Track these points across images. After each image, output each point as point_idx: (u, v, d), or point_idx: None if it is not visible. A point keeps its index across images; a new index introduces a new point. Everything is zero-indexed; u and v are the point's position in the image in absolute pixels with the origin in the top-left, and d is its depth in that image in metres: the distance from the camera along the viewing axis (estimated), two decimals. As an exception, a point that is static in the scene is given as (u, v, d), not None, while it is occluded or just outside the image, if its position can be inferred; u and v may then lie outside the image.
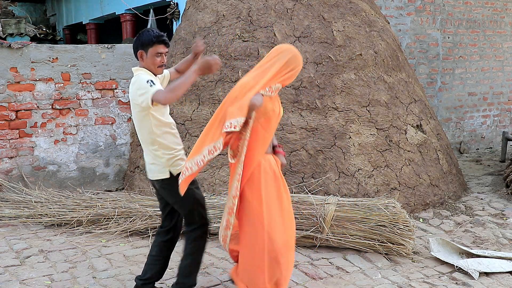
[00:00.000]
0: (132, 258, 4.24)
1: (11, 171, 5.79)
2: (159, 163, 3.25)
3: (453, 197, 5.85)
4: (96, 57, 6.11)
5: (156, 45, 3.21)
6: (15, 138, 5.80)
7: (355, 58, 5.55)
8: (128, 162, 6.40)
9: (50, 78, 5.89)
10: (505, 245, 4.66)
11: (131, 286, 3.73)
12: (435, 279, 3.94)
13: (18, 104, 5.76)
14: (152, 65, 3.24)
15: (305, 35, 5.53)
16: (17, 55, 5.71)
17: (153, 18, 8.28)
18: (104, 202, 5.01)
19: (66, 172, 6.09)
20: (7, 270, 3.98)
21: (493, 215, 5.46)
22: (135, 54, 3.27)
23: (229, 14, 5.74)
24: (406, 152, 5.51)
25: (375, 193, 5.13)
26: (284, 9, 5.64)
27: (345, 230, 4.31)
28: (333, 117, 5.29)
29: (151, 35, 3.20)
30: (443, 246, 4.40)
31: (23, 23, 10.41)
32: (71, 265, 4.07)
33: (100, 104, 6.21)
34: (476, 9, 8.80)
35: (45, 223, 4.97)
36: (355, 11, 5.80)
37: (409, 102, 5.85)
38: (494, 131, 9.37)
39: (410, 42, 8.12)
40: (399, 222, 4.26)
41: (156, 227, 4.63)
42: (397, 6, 7.91)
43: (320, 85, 5.36)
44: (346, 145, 5.22)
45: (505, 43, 9.23)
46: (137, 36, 3.28)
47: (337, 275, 3.98)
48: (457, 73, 8.76)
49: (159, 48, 3.22)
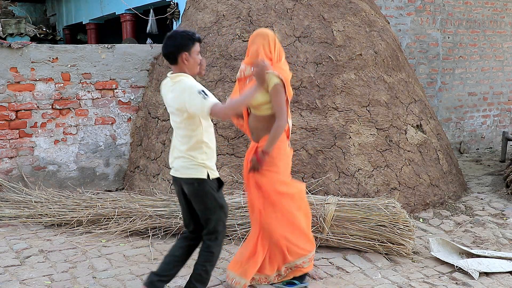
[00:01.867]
0: (132, 258, 4.24)
1: (11, 171, 5.79)
2: (198, 163, 3.15)
3: (453, 197, 5.85)
4: (96, 57, 6.11)
5: (196, 43, 3.16)
6: (15, 138, 5.80)
7: (355, 58, 5.55)
8: (128, 162, 6.40)
9: (50, 78, 5.89)
10: (505, 245, 4.66)
11: (131, 286, 3.73)
12: (435, 279, 3.94)
13: (18, 104, 5.76)
14: (195, 66, 3.17)
15: (305, 35, 5.53)
16: (17, 55, 5.71)
17: (153, 18, 8.29)
18: (104, 202, 5.01)
19: (66, 172, 6.09)
20: (7, 270, 3.98)
21: (493, 215, 5.46)
22: (173, 59, 3.12)
23: (229, 14, 5.74)
24: (406, 152, 5.51)
25: (375, 193, 5.13)
26: (284, 9, 5.64)
27: (345, 230, 4.31)
28: (333, 117, 5.29)
29: (188, 35, 3.12)
30: (443, 246, 4.40)
31: (23, 23, 10.41)
32: (71, 265, 4.07)
33: (100, 104, 6.21)
34: (476, 9, 8.80)
35: (45, 223, 4.97)
36: (355, 11, 5.80)
37: (409, 102, 5.85)
38: (494, 131, 9.37)
39: (410, 42, 8.12)
40: (399, 222, 4.26)
41: (156, 227, 4.64)
42: (397, 6, 7.91)
43: (320, 85, 5.36)
44: (346, 145, 5.22)
45: (505, 43, 9.23)
46: (171, 39, 3.13)
47: (337, 275, 3.98)
48: (457, 73, 8.76)
49: (198, 46, 3.18)
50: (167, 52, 3.14)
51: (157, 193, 5.31)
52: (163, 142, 5.77)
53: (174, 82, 3.14)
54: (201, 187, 3.17)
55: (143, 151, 6.07)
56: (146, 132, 6.09)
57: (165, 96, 3.27)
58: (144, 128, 6.17)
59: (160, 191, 5.42)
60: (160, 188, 5.51)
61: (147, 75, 6.37)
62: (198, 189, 3.18)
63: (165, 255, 3.40)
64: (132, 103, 6.39)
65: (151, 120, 6.05)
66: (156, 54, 6.43)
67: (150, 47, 6.48)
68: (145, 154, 6.01)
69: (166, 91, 3.25)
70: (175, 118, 3.19)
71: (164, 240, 4.59)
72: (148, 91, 6.28)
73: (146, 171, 5.91)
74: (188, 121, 3.11)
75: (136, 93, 6.38)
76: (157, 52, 6.44)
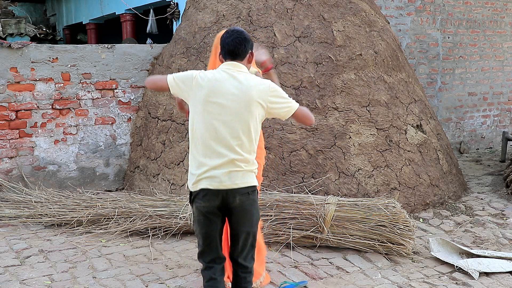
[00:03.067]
0: (132, 258, 4.24)
1: (11, 171, 5.79)
2: (253, 169, 2.88)
3: (453, 197, 5.85)
4: (96, 57, 6.11)
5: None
6: (15, 138, 5.80)
7: (355, 58, 5.55)
8: (128, 162, 6.40)
9: (50, 78, 5.89)
10: (505, 245, 4.66)
11: (131, 286, 3.73)
12: (435, 279, 3.94)
13: (18, 104, 5.76)
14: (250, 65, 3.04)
15: (305, 35, 5.53)
16: (17, 55, 5.71)
17: (153, 18, 8.28)
18: (104, 202, 5.01)
19: (66, 172, 6.09)
20: (7, 270, 3.98)
21: (493, 215, 5.46)
22: (241, 57, 2.92)
23: (229, 14, 5.74)
24: (406, 152, 5.51)
25: (375, 193, 5.13)
26: (284, 9, 5.64)
27: (345, 230, 4.31)
28: (333, 117, 5.29)
29: (247, 34, 2.99)
30: (443, 246, 4.40)
31: (23, 23, 10.40)
32: (71, 265, 4.07)
33: (100, 104, 6.21)
34: (476, 9, 8.79)
35: (45, 223, 4.97)
36: (355, 11, 5.80)
37: (409, 102, 5.85)
38: (494, 131, 9.37)
39: (410, 42, 8.12)
40: (399, 222, 4.26)
41: (156, 227, 4.64)
42: (397, 6, 7.91)
43: (320, 85, 5.36)
44: (346, 145, 5.22)
45: (505, 43, 9.23)
46: (240, 33, 2.93)
47: (337, 275, 3.98)
48: (457, 73, 8.76)
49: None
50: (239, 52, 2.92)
51: (157, 193, 5.31)
52: (163, 142, 5.77)
53: (253, 78, 2.91)
54: (254, 195, 2.88)
55: (143, 151, 6.07)
56: (146, 132, 6.09)
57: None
58: (144, 128, 6.17)
59: (160, 191, 5.42)
60: (160, 188, 5.51)
61: (147, 75, 6.37)
62: (252, 198, 2.86)
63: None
64: (132, 103, 6.39)
65: (151, 120, 6.05)
66: (156, 54, 6.43)
67: (150, 47, 6.48)
68: (145, 154, 6.01)
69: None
70: (243, 119, 2.82)
71: (164, 240, 4.59)
72: (148, 91, 6.28)
73: (146, 171, 5.91)
74: (258, 123, 2.89)
75: (136, 93, 6.38)
76: (157, 52, 6.44)
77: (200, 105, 2.82)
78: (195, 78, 2.85)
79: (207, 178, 2.78)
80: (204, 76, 2.85)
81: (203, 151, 2.80)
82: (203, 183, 2.79)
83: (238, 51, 2.90)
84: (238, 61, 2.91)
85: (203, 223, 2.84)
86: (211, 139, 2.79)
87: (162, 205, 4.75)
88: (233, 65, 2.90)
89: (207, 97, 2.80)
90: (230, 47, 2.91)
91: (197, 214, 2.86)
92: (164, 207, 4.72)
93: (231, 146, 2.78)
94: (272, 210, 4.42)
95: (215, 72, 2.89)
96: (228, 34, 2.95)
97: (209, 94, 2.81)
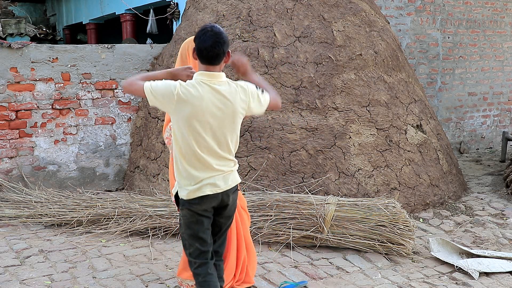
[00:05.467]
0: (132, 258, 4.24)
1: (11, 171, 5.79)
2: (237, 166, 2.99)
3: (453, 197, 5.85)
4: (96, 57, 6.11)
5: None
6: (15, 138, 5.80)
7: (355, 58, 5.55)
8: (128, 162, 6.40)
9: (50, 78, 5.89)
10: (505, 245, 4.66)
11: (131, 286, 3.73)
12: (435, 279, 3.94)
13: (18, 104, 5.76)
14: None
15: (305, 35, 5.53)
16: (17, 55, 5.71)
17: (153, 18, 8.28)
18: (104, 202, 5.01)
19: (66, 172, 6.09)
20: (7, 270, 3.98)
21: (493, 215, 5.46)
22: (219, 61, 2.83)
23: (229, 14, 5.74)
24: (406, 152, 5.51)
25: (375, 193, 5.13)
26: (284, 9, 5.64)
27: (345, 230, 4.31)
28: (333, 117, 5.29)
29: (225, 33, 2.89)
30: (443, 246, 4.40)
31: (23, 23, 10.40)
32: (71, 265, 4.07)
33: (100, 104, 6.21)
34: (476, 9, 8.79)
35: (45, 223, 4.97)
36: (355, 11, 5.80)
37: (409, 102, 5.85)
38: (494, 131, 9.37)
39: (410, 42, 8.12)
40: (399, 222, 4.27)
41: (156, 227, 4.64)
42: (397, 6, 7.91)
43: (320, 85, 5.36)
44: (346, 145, 5.22)
45: (505, 43, 9.23)
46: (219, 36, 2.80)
47: (337, 275, 3.98)
48: (457, 73, 8.76)
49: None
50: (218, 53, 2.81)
51: (157, 193, 5.31)
52: (163, 142, 5.76)
53: (229, 83, 2.87)
54: (237, 190, 3.04)
55: (143, 151, 6.07)
56: (146, 132, 6.10)
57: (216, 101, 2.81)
58: (144, 128, 6.17)
59: (160, 191, 5.42)
60: (160, 188, 5.51)
61: (147, 75, 6.36)
62: (236, 194, 3.01)
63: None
64: (132, 103, 6.39)
65: (151, 120, 6.05)
66: (156, 54, 6.43)
67: (150, 47, 6.48)
68: (145, 154, 6.01)
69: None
70: (230, 121, 2.83)
71: (164, 240, 4.59)
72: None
73: (146, 171, 5.91)
74: (240, 120, 2.90)
75: (136, 93, 6.38)
76: (157, 52, 6.44)
77: (185, 121, 2.75)
78: (177, 93, 2.71)
79: (205, 185, 2.81)
80: (185, 91, 2.72)
81: (195, 164, 2.80)
82: (200, 192, 2.81)
83: (217, 57, 2.80)
84: (215, 65, 2.81)
85: (199, 223, 2.87)
86: (202, 152, 2.78)
87: (162, 205, 4.76)
88: (211, 76, 2.79)
89: (193, 115, 2.73)
90: (209, 53, 2.78)
91: (189, 216, 2.87)
92: (164, 207, 4.72)
93: (221, 156, 2.83)
94: (272, 210, 4.42)
95: (196, 84, 2.76)
96: (206, 37, 2.76)
97: (195, 113, 2.73)
